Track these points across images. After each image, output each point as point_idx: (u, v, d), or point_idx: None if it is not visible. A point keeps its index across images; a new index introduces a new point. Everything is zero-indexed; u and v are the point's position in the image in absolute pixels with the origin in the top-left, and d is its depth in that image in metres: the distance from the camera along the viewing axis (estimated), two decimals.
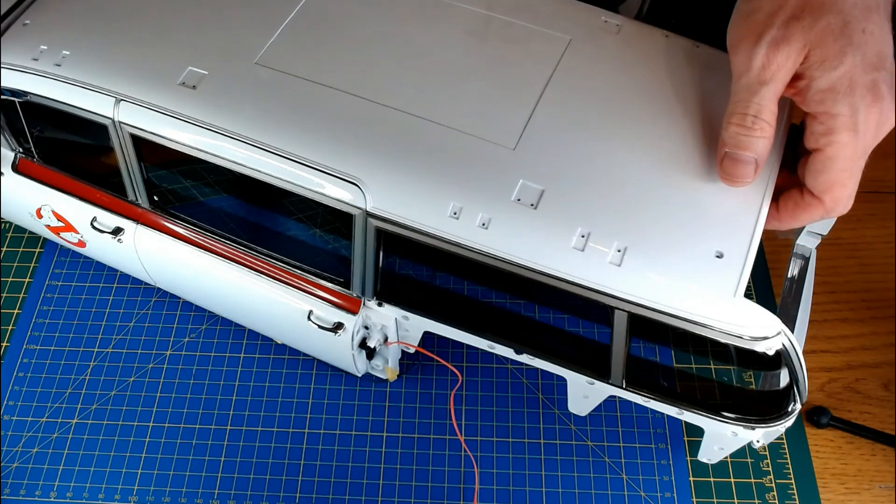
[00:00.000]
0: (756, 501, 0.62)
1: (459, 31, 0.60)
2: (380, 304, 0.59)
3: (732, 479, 0.63)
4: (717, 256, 0.50)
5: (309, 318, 0.60)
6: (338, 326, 0.59)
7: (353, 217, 0.54)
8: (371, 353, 0.62)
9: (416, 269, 0.60)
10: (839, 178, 0.50)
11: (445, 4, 0.62)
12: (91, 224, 0.65)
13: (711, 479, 0.63)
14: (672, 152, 0.54)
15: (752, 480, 0.63)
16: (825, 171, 0.50)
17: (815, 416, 0.65)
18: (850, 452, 0.64)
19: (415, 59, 0.58)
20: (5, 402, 0.67)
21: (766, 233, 0.53)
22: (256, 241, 0.62)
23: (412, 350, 0.63)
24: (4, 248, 0.76)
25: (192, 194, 0.63)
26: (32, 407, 0.67)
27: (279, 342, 0.69)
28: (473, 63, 0.58)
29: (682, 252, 0.50)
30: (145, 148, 0.59)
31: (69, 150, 0.66)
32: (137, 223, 0.64)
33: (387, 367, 0.65)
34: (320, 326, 0.60)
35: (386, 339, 0.62)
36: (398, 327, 0.61)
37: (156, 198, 0.63)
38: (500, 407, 0.66)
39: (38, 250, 0.75)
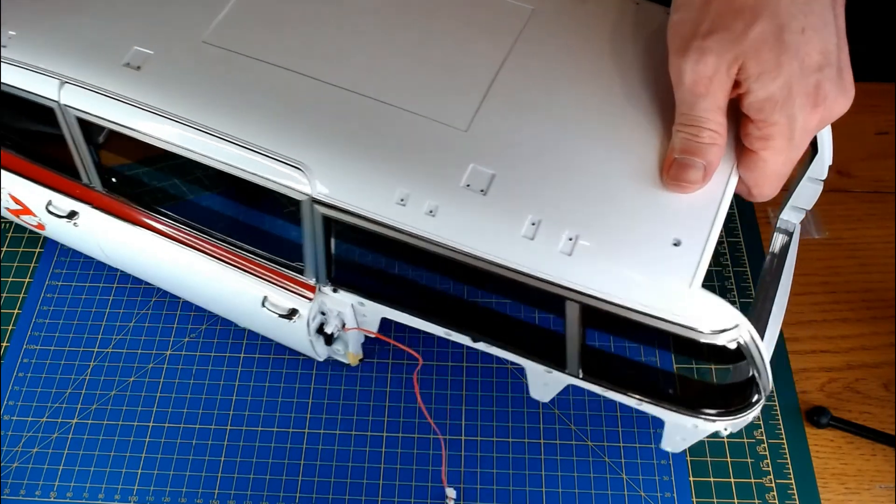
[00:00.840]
0: (756, 501, 0.62)
1: (412, 4, 0.57)
2: (335, 290, 0.58)
3: (732, 480, 0.63)
4: (675, 244, 0.48)
5: (263, 304, 0.59)
6: (292, 313, 0.58)
7: (300, 203, 0.52)
8: (329, 339, 0.61)
9: (371, 256, 0.58)
10: (768, 178, 0.51)
11: None
12: (46, 208, 0.64)
13: (711, 480, 0.63)
14: (634, 134, 0.51)
15: (752, 480, 0.63)
16: (756, 170, 0.51)
17: (815, 416, 0.65)
18: (850, 452, 0.64)
19: (365, 36, 0.56)
20: (5, 402, 0.67)
21: (763, 220, 0.51)
22: (212, 225, 0.60)
23: (373, 336, 0.61)
24: (4, 248, 0.76)
25: (147, 178, 0.61)
26: (32, 407, 0.67)
27: (242, 327, 0.69)
28: (427, 38, 0.55)
29: (637, 240, 0.48)
30: (95, 130, 0.57)
31: (22, 133, 0.64)
32: (92, 206, 0.63)
33: (348, 353, 0.64)
34: (275, 313, 0.59)
35: (344, 325, 0.60)
36: (355, 313, 0.59)
37: (113, 179, 0.61)
38: (499, 407, 0.66)
39: (38, 250, 0.75)
